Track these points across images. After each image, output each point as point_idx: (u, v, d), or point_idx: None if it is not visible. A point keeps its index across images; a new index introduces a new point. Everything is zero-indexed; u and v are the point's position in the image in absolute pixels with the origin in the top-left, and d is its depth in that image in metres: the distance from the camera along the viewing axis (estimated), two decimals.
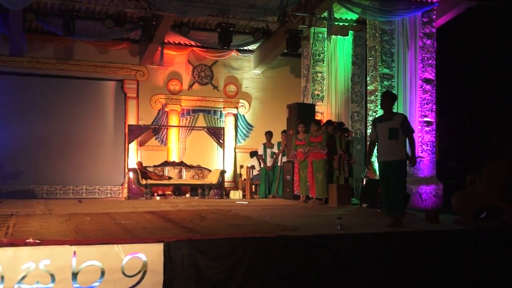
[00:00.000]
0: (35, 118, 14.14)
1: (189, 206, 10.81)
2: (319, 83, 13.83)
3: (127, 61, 15.02)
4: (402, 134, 7.50)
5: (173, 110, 15.42)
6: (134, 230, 6.73)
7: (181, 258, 5.68)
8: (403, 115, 7.94)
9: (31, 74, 14.26)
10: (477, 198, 8.18)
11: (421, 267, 6.63)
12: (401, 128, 7.50)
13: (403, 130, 7.51)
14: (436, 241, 6.91)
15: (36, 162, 14.09)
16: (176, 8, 11.61)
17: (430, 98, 11.99)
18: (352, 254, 6.41)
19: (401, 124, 7.53)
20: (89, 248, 5.41)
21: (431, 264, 6.69)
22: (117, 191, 14.70)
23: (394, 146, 7.45)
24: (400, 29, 11.98)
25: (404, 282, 6.55)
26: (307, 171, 11.72)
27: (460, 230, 7.38)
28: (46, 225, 7.24)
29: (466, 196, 8.26)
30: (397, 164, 7.45)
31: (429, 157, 11.90)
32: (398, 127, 7.48)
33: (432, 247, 6.79)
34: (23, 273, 5.14)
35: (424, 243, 6.81)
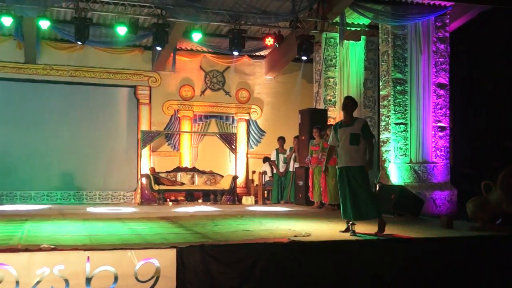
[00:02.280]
0: (49, 124, 14.24)
1: (202, 212, 10.83)
2: (331, 88, 13.82)
3: (140, 67, 15.10)
4: (363, 140, 7.44)
5: (186, 116, 15.47)
6: (147, 236, 6.76)
7: (194, 263, 5.70)
8: (364, 120, 7.92)
9: (45, 81, 14.36)
10: (493, 204, 8.12)
11: (434, 273, 6.59)
12: (362, 133, 7.43)
13: (363, 135, 7.43)
14: (451, 248, 6.87)
15: (50, 168, 14.18)
16: (188, 15, 11.67)
17: (443, 103, 11.94)
18: (364, 259, 6.39)
19: (362, 129, 7.45)
20: (102, 253, 5.45)
21: (445, 270, 6.65)
22: (130, 197, 14.76)
23: (356, 151, 7.36)
24: (413, 34, 11.95)
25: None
26: (320, 177, 11.72)
27: (475, 236, 7.33)
28: (60, 230, 7.30)
29: (481, 202, 8.20)
30: (358, 170, 7.35)
31: (443, 162, 11.84)
32: (359, 132, 7.40)
33: (447, 253, 6.76)
34: (38, 278, 5.18)
35: (438, 250, 6.78)
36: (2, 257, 5.16)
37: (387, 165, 11.70)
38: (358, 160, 7.36)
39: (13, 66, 14.00)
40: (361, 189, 7.33)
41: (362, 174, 7.38)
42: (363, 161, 7.40)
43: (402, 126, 11.75)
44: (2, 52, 13.85)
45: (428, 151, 11.82)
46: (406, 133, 11.73)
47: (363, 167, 7.38)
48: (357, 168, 7.34)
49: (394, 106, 11.74)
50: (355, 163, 7.34)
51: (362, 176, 7.36)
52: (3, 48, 13.85)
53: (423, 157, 11.77)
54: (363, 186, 7.36)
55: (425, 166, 11.74)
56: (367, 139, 7.50)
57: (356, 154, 7.35)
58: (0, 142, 13.63)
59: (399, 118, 11.75)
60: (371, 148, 7.62)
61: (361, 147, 7.40)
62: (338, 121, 7.81)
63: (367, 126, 7.68)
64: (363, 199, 7.29)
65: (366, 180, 7.47)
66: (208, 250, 5.82)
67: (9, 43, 13.81)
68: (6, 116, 13.90)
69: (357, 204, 7.26)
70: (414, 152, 11.75)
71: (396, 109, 11.75)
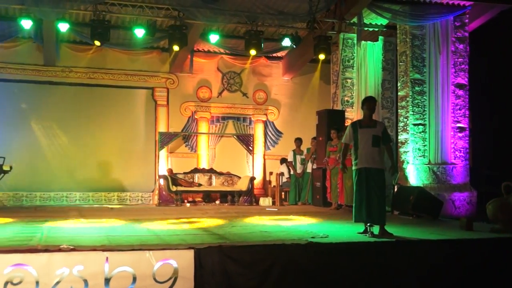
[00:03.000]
0: (68, 126, 14.35)
1: (219, 213, 10.85)
2: (349, 89, 13.77)
3: (157, 69, 15.16)
4: (382, 143, 7.44)
5: (203, 117, 15.51)
6: (165, 237, 6.79)
7: (212, 264, 5.71)
8: (384, 124, 7.93)
9: (64, 83, 14.46)
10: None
11: (453, 276, 6.54)
12: (383, 136, 7.43)
13: (383, 139, 7.44)
14: (471, 250, 6.81)
15: (69, 169, 14.29)
16: (205, 16, 11.71)
17: (463, 103, 11.85)
18: (383, 261, 6.36)
19: (383, 132, 7.48)
20: (121, 254, 5.48)
21: (464, 273, 6.59)
22: (148, 198, 14.82)
23: (377, 153, 7.37)
24: (431, 34, 11.87)
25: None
26: (337, 178, 11.70)
27: (496, 238, 7.26)
28: (80, 231, 7.36)
29: (502, 203, 8.12)
30: (379, 173, 7.36)
31: (462, 163, 11.74)
32: (380, 135, 7.41)
33: (466, 255, 6.70)
34: (57, 279, 5.23)
35: (457, 252, 6.72)
36: (22, 258, 5.21)
37: (406, 166, 11.63)
38: (379, 162, 7.37)
39: (32, 68, 14.12)
40: (378, 192, 7.33)
41: (382, 178, 7.40)
42: (382, 164, 7.40)
43: (421, 127, 11.67)
44: (22, 55, 13.98)
45: (447, 152, 11.73)
46: (424, 134, 11.66)
47: (383, 170, 7.38)
48: (377, 170, 7.34)
49: (412, 107, 11.68)
50: (376, 165, 7.34)
51: (381, 180, 7.38)
52: (23, 51, 13.97)
53: (442, 158, 11.69)
54: (380, 190, 7.38)
55: (444, 167, 11.65)
56: (387, 143, 7.52)
57: (378, 157, 7.36)
58: (19, 144, 13.73)
59: (418, 119, 11.68)
60: (392, 153, 7.63)
61: (381, 150, 7.42)
62: (356, 120, 7.75)
63: (387, 130, 7.72)
64: (377, 203, 7.30)
65: (384, 184, 7.49)
66: (226, 251, 5.83)
67: (29, 46, 13.94)
68: (25, 117, 14.03)
69: (371, 207, 7.26)
70: (432, 153, 11.67)
71: (415, 109, 11.68)
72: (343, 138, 7.90)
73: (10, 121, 13.86)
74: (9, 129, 13.79)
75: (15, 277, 5.13)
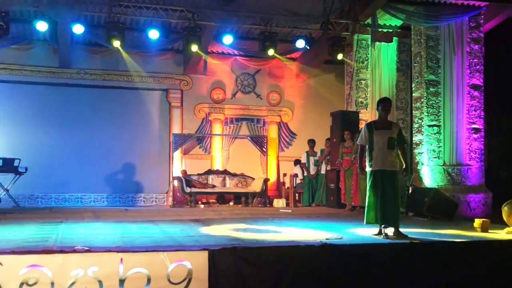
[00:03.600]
0: (83, 127, 14.43)
1: (233, 214, 10.85)
2: (363, 90, 13.72)
3: (171, 71, 15.21)
4: (397, 144, 7.40)
5: (217, 118, 15.54)
6: (179, 238, 6.79)
7: (226, 266, 5.69)
8: (399, 125, 7.89)
9: (79, 85, 14.55)
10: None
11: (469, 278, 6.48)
12: (398, 138, 7.40)
13: (398, 141, 7.40)
14: (486, 251, 6.75)
15: (84, 171, 14.37)
16: (220, 18, 11.73)
17: (478, 104, 11.76)
18: (397, 263, 6.32)
19: (398, 134, 7.44)
20: (135, 255, 5.48)
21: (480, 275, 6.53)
22: (162, 199, 14.86)
23: (393, 156, 7.34)
24: (446, 35, 11.79)
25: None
26: (352, 179, 11.66)
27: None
28: (94, 232, 7.38)
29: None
30: (394, 174, 7.33)
31: (477, 165, 11.65)
32: (396, 137, 7.37)
33: (482, 257, 6.64)
34: (72, 280, 5.24)
35: (473, 253, 6.66)
36: (37, 259, 5.23)
37: (420, 168, 11.57)
38: (394, 164, 7.35)
39: (48, 70, 14.23)
40: (393, 194, 7.30)
41: (396, 179, 7.37)
42: (397, 166, 7.36)
43: (435, 128, 11.60)
44: (37, 57, 14.08)
45: (462, 153, 11.64)
46: (439, 135, 11.59)
47: (397, 172, 7.35)
48: (392, 172, 7.31)
49: (427, 108, 11.61)
50: (392, 167, 7.31)
51: (396, 181, 7.35)
52: (38, 53, 14.07)
53: (457, 160, 11.60)
54: (395, 192, 7.34)
55: (459, 169, 11.57)
56: (402, 145, 7.47)
57: (393, 159, 7.34)
58: (34, 145, 13.82)
59: (432, 120, 11.61)
60: (406, 154, 7.60)
61: (396, 151, 7.38)
62: (371, 121, 7.71)
63: (402, 132, 7.67)
64: (392, 205, 7.26)
65: (398, 186, 7.46)
66: (240, 252, 5.82)
67: (44, 48, 14.04)
68: (40, 119, 14.12)
69: (386, 209, 7.22)
70: (447, 154, 11.59)
71: (429, 111, 11.61)
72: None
73: (26, 123, 13.97)
74: (24, 131, 13.90)
75: (31, 278, 5.15)
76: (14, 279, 5.13)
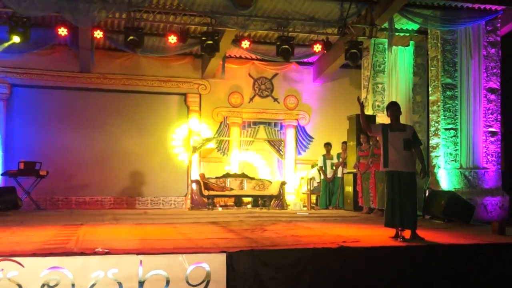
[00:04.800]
0: (103, 131, 14.56)
1: (251, 217, 10.85)
2: (380, 94, 13.65)
3: (190, 75, 15.27)
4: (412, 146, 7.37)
5: (235, 122, 15.56)
6: (197, 240, 6.81)
7: (244, 268, 5.69)
8: (413, 127, 7.86)
9: (99, 89, 14.69)
10: None
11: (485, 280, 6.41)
12: (413, 139, 7.36)
13: (414, 142, 7.37)
14: (503, 254, 6.67)
15: (104, 174, 14.48)
16: (237, 23, 11.75)
17: (495, 108, 11.67)
18: (414, 266, 6.27)
19: (413, 135, 7.41)
20: (154, 257, 5.50)
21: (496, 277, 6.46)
22: (180, 202, 14.92)
23: (409, 157, 7.30)
24: (462, 38, 11.72)
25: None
26: (369, 182, 11.62)
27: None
28: (114, 235, 7.42)
29: None
30: (411, 176, 7.28)
31: (494, 168, 11.55)
32: (411, 138, 7.34)
33: (499, 260, 6.57)
34: (93, 281, 5.26)
35: (490, 256, 6.59)
36: (58, 261, 5.26)
37: (437, 171, 11.48)
38: (411, 166, 7.29)
39: (68, 75, 14.37)
40: (410, 197, 7.26)
41: (414, 182, 7.32)
42: (414, 167, 7.32)
43: (452, 131, 11.53)
44: (58, 62, 14.24)
45: (479, 157, 11.56)
46: (456, 139, 11.51)
47: (414, 174, 7.31)
48: (410, 174, 7.27)
49: (443, 111, 11.53)
50: (408, 169, 7.26)
51: (413, 184, 7.30)
52: (59, 58, 14.23)
53: (474, 163, 11.51)
54: (412, 195, 7.30)
55: (475, 172, 11.49)
56: (417, 146, 7.43)
57: (410, 160, 7.29)
58: (55, 149, 13.95)
59: (449, 124, 11.53)
60: (422, 156, 7.56)
61: (412, 153, 7.35)
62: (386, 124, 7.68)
63: (416, 133, 7.64)
64: (409, 208, 7.21)
65: (415, 188, 7.41)
66: (257, 255, 5.81)
67: (65, 53, 14.19)
68: (61, 123, 14.26)
69: (403, 211, 7.18)
70: (464, 157, 11.51)
71: (446, 114, 11.54)
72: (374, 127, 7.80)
73: (46, 127, 14.13)
74: (45, 134, 14.06)
75: (52, 280, 5.19)
76: (36, 281, 5.16)
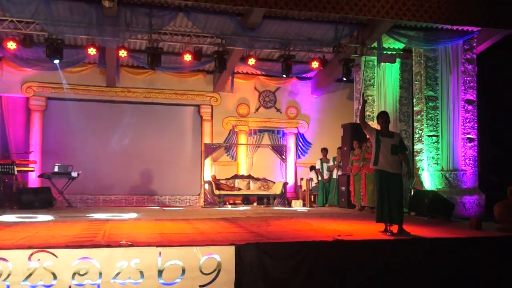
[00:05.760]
0: (127, 138, 14.59)
1: (256, 214, 10.85)
2: (370, 105, 13.62)
3: (203, 88, 15.29)
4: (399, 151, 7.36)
5: (242, 130, 15.57)
6: (209, 234, 6.82)
7: (250, 259, 5.71)
8: (400, 134, 7.90)
9: (124, 102, 14.72)
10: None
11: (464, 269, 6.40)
12: (400, 145, 7.37)
13: (400, 147, 7.37)
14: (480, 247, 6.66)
15: (127, 175, 14.51)
16: (244, 43, 11.78)
17: (471, 117, 11.64)
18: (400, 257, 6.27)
19: (400, 142, 7.43)
20: (172, 249, 5.52)
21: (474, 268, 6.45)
22: (194, 200, 14.93)
23: (397, 160, 7.32)
24: (443, 56, 11.70)
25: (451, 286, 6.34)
26: (360, 183, 11.60)
27: (502, 236, 7.09)
28: (136, 229, 7.44)
29: (507, 205, 7.98)
30: (398, 177, 7.30)
31: (472, 170, 11.51)
32: (398, 144, 7.35)
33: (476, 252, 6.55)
34: (117, 270, 5.30)
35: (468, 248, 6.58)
36: (87, 252, 5.30)
37: (421, 173, 11.46)
38: (397, 168, 7.31)
39: (96, 89, 14.42)
40: (397, 195, 7.26)
41: (400, 182, 7.34)
42: (400, 170, 7.33)
43: (434, 138, 11.50)
44: (87, 78, 14.29)
45: (458, 160, 11.52)
46: (437, 144, 11.49)
47: (401, 175, 7.32)
48: (396, 175, 7.28)
49: (426, 120, 11.51)
50: (395, 170, 7.28)
51: (399, 184, 7.32)
52: (89, 74, 14.27)
53: (453, 165, 11.48)
54: (399, 194, 7.31)
55: (455, 174, 11.45)
56: (404, 152, 7.45)
57: (396, 163, 7.31)
58: (87, 154, 13.99)
59: (431, 131, 11.51)
60: (408, 160, 7.57)
61: (399, 157, 7.35)
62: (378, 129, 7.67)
63: (403, 140, 7.68)
64: (396, 205, 7.21)
65: (402, 188, 7.43)
66: (262, 247, 5.83)
67: (94, 70, 14.24)
68: (90, 131, 14.26)
69: (391, 209, 7.17)
70: (445, 161, 11.47)
71: (429, 122, 11.51)
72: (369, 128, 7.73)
73: (78, 134, 14.13)
74: (77, 141, 14.08)
75: (82, 269, 5.22)
76: (68, 270, 5.20)
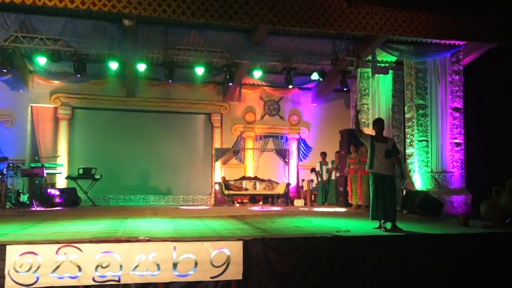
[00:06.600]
0: (145, 143, 14.62)
1: (262, 212, 10.83)
2: (365, 112, 13.60)
3: (213, 98, 15.32)
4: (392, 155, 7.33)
5: (249, 136, 15.57)
6: (220, 230, 6.81)
7: (256, 253, 5.70)
8: (393, 139, 7.89)
9: (142, 111, 14.75)
10: (502, 206, 7.86)
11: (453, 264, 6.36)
12: (392, 149, 7.34)
13: (393, 152, 7.34)
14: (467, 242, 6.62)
15: (145, 177, 14.54)
16: (251, 57, 11.80)
17: (459, 123, 11.60)
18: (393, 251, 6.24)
19: (393, 146, 7.39)
20: (185, 244, 5.52)
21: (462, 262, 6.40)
22: (206, 200, 14.92)
23: (390, 164, 7.29)
24: (432, 68, 11.67)
25: (441, 280, 6.29)
26: (357, 184, 11.56)
27: (488, 233, 7.04)
28: (153, 226, 7.44)
29: (493, 204, 7.93)
30: (392, 179, 7.28)
31: (459, 172, 11.45)
32: (391, 148, 7.33)
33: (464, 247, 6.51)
34: (136, 263, 5.30)
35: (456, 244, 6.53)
36: (109, 247, 5.31)
37: (412, 174, 11.41)
38: (390, 171, 7.29)
39: (118, 99, 14.46)
40: (391, 195, 7.23)
41: (393, 183, 7.31)
42: (393, 172, 7.30)
43: (424, 142, 11.46)
44: (109, 89, 14.33)
45: (446, 163, 11.46)
46: (427, 148, 11.44)
47: (393, 176, 7.29)
48: (389, 177, 7.26)
49: (417, 126, 11.48)
50: (388, 173, 7.27)
51: (392, 185, 7.29)
52: (110, 86, 14.31)
53: (442, 168, 11.42)
54: (392, 193, 7.28)
55: (444, 175, 11.39)
56: (396, 155, 7.42)
57: (390, 166, 7.29)
58: (108, 158, 14.04)
59: (422, 136, 11.47)
60: (400, 163, 7.54)
61: (392, 161, 7.32)
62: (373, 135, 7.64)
63: (396, 145, 7.65)
64: (390, 204, 7.18)
65: (395, 188, 7.39)
66: (268, 242, 5.82)
67: (115, 82, 14.27)
68: (112, 137, 14.37)
69: (385, 207, 7.14)
70: (434, 163, 11.42)
71: (419, 128, 11.48)
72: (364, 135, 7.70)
73: (100, 140, 14.23)
74: (99, 146, 14.17)
75: (104, 262, 5.24)
76: (92, 263, 5.21)
